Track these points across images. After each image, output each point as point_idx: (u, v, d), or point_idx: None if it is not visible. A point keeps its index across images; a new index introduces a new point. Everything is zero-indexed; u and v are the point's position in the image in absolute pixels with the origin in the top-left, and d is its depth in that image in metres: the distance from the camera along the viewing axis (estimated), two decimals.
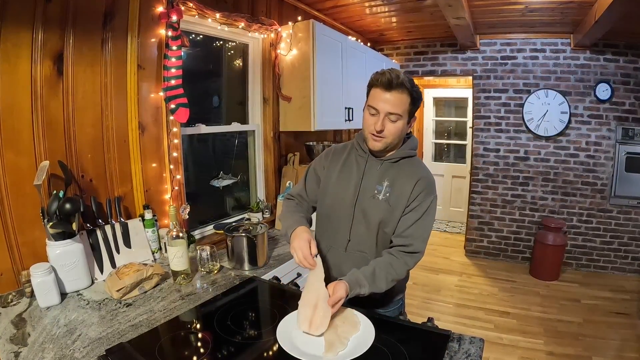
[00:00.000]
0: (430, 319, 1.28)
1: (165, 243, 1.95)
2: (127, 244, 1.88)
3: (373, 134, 1.37)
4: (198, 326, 1.32)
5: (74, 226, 1.64)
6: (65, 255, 1.59)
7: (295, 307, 1.22)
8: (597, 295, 3.85)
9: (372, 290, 1.29)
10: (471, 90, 4.83)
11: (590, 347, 2.98)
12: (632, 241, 4.28)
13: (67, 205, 1.60)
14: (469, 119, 5.85)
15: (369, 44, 4.55)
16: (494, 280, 4.27)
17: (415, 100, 1.36)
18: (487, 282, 4.23)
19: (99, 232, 1.82)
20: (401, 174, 1.44)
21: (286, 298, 1.53)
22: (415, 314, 3.24)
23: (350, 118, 3.32)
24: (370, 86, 1.39)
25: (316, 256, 1.26)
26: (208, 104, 2.84)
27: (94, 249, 1.79)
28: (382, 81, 1.31)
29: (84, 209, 1.78)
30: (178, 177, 2.19)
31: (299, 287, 1.60)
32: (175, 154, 2.17)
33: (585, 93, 4.20)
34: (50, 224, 1.55)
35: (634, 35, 3.76)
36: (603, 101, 4.15)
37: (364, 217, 1.44)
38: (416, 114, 1.45)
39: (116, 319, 1.40)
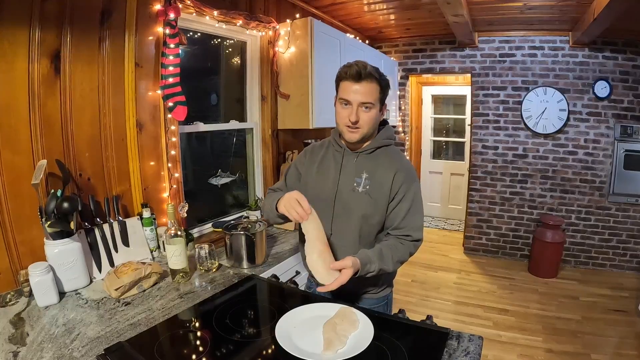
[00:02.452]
0: (429, 317, 1.28)
1: (163, 241, 1.94)
2: (126, 242, 1.88)
3: (348, 126, 1.40)
4: (197, 325, 1.32)
5: (72, 225, 1.64)
6: (64, 254, 1.59)
7: (294, 306, 1.22)
8: (596, 293, 3.86)
9: (381, 268, 1.34)
10: (469, 87, 4.83)
11: (589, 344, 2.98)
12: (630, 239, 4.29)
13: (65, 204, 1.59)
14: (467, 116, 5.84)
15: (367, 42, 4.55)
16: (493, 277, 4.28)
17: (384, 88, 1.40)
18: (485, 279, 4.24)
19: (97, 231, 1.81)
20: (379, 165, 1.46)
21: (285, 296, 1.53)
22: (414, 312, 3.25)
23: None
24: (339, 79, 1.42)
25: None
26: (206, 102, 2.84)
27: (92, 248, 1.78)
28: (351, 73, 1.35)
29: (82, 208, 1.76)
30: (176, 175, 2.18)
31: (298, 285, 1.59)
32: (173, 152, 2.16)
33: (584, 91, 4.20)
34: (48, 223, 1.55)
35: (633, 32, 3.76)
36: (602, 99, 4.15)
37: (345, 211, 1.47)
38: (387, 103, 1.49)
39: (115, 318, 1.40)
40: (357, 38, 4.03)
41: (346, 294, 1.51)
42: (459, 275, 4.35)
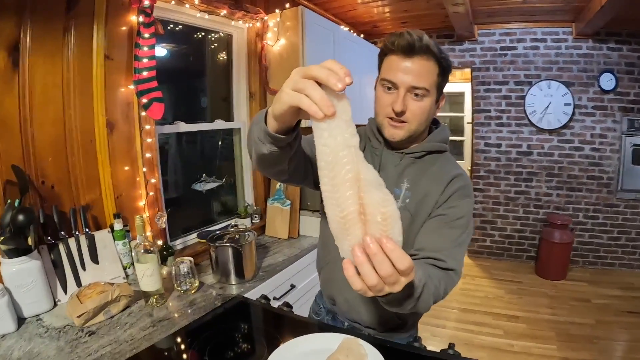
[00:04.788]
0: (451, 345, 1.05)
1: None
2: (95, 259, 1.64)
3: (391, 118, 1.04)
4: None
5: (30, 240, 1.42)
6: (22, 274, 1.39)
7: (288, 336, 0.99)
8: (607, 294, 3.70)
9: (419, 302, 0.84)
10: (468, 84, 4.68)
11: (606, 350, 2.82)
12: (639, 236, 4.12)
13: (20, 217, 1.38)
14: (466, 114, 5.68)
15: (362, 36, 4.34)
16: (499, 281, 4.09)
17: (445, 70, 1.03)
18: (492, 283, 4.04)
19: (61, 246, 1.58)
20: (427, 174, 1.09)
21: (276, 323, 1.28)
22: (419, 323, 3.04)
23: None
24: (384, 54, 1.05)
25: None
26: (189, 100, 2.61)
27: (57, 266, 1.56)
28: (401, 45, 0.97)
29: (45, 220, 1.56)
30: (153, 181, 1.94)
31: (292, 307, 1.34)
32: (149, 155, 1.92)
33: (589, 83, 4.04)
34: (1, 239, 1.33)
35: (637, 23, 3.60)
36: (607, 91, 3.99)
37: None
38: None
39: (75, 352, 1.18)
40: (352, 32, 3.82)
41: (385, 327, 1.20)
42: (464, 280, 4.14)
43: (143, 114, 1.90)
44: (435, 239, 1.01)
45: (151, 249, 1.39)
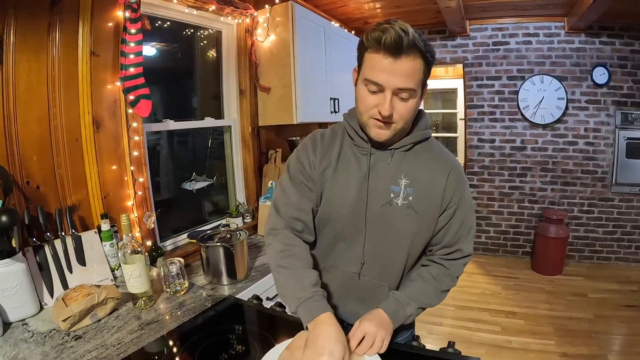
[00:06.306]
0: (451, 344, 1.02)
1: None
2: (81, 260, 1.59)
3: (377, 120, 0.98)
4: None
5: (14, 242, 1.37)
6: (6, 277, 1.34)
7: (280, 337, 0.95)
8: (604, 288, 3.69)
9: (421, 306, 1.11)
10: (460, 80, 4.65)
11: (605, 344, 2.80)
12: (635, 230, 4.13)
13: (4, 218, 1.33)
14: (458, 110, 5.66)
15: (352, 33, 4.30)
16: (496, 277, 4.07)
17: (430, 64, 0.96)
18: (488, 280, 4.02)
19: (47, 248, 1.53)
20: (422, 166, 1.07)
21: (269, 324, 1.25)
22: (416, 321, 3.00)
23: (337, 110, 3.05)
24: (365, 48, 0.95)
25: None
26: (178, 99, 2.56)
27: (42, 269, 1.51)
28: (387, 43, 0.88)
29: (30, 221, 1.51)
30: (141, 180, 1.89)
31: (285, 308, 1.29)
32: (136, 153, 1.87)
33: (582, 78, 4.03)
34: None
35: (630, 16, 3.60)
36: (600, 85, 3.99)
37: (381, 235, 1.10)
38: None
39: (61, 357, 1.14)
40: (343, 28, 3.78)
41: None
42: (460, 277, 4.11)
43: (130, 111, 1.85)
44: (454, 237, 1.10)
45: (139, 249, 1.35)
